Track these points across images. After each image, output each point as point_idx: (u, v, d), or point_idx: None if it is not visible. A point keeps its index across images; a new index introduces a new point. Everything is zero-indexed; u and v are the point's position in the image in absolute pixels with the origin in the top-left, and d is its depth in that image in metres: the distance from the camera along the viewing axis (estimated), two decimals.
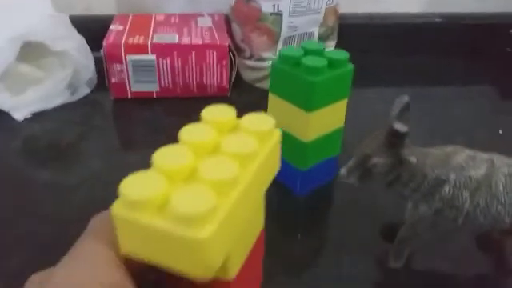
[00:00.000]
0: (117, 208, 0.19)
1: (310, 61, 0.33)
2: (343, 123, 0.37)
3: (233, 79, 0.53)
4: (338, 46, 0.57)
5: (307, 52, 0.34)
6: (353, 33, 0.60)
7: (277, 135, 0.25)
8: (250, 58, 0.53)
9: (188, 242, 0.18)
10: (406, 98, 0.27)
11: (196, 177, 0.20)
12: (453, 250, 0.33)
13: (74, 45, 0.50)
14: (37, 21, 0.46)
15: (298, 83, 0.33)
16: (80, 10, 0.62)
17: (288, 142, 0.36)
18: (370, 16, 0.65)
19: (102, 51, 0.49)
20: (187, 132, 0.23)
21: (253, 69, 0.53)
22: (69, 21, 0.51)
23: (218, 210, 0.18)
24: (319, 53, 0.34)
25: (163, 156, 0.21)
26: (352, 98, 0.36)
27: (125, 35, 0.51)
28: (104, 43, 0.49)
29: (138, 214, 0.18)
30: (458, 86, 0.59)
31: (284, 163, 0.37)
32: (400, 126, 0.26)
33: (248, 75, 0.55)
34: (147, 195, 0.18)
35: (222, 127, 0.24)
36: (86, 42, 0.51)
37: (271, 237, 0.34)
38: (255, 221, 0.25)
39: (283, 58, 0.34)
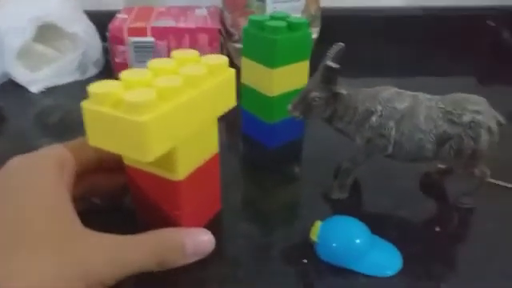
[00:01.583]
0: (85, 103, 0.25)
1: (272, 23, 0.38)
2: (306, 83, 0.42)
3: None
4: (323, 39, 0.62)
5: (273, 18, 0.40)
6: (337, 25, 0.66)
7: (230, 72, 0.31)
8: (239, 41, 0.59)
9: (132, 125, 0.24)
10: (341, 44, 0.32)
11: (150, 86, 0.26)
12: (396, 189, 0.37)
13: (84, 28, 0.57)
14: (52, 5, 0.54)
15: (262, 43, 0.39)
16: (93, 5, 0.69)
17: (257, 98, 0.42)
18: (355, 9, 0.71)
19: (107, 34, 0.56)
20: (154, 61, 0.29)
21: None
22: (80, 7, 0.58)
23: (160, 106, 0.24)
24: (283, 18, 0.40)
25: (129, 73, 0.27)
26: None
27: (128, 21, 0.58)
28: (109, 27, 0.56)
29: (100, 106, 0.25)
30: (441, 75, 0.63)
31: (255, 119, 0.43)
32: (332, 64, 0.31)
33: (238, 60, 0.61)
34: (107, 91, 0.24)
35: (185, 61, 0.30)
36: (94, 28, 0.59)
37: (239, 178, 0.40)
38: (207, 139, 0.31)
39: (252, 23, 0.40)
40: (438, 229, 0.33)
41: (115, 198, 0.33)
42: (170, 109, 0.25)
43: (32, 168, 0.26)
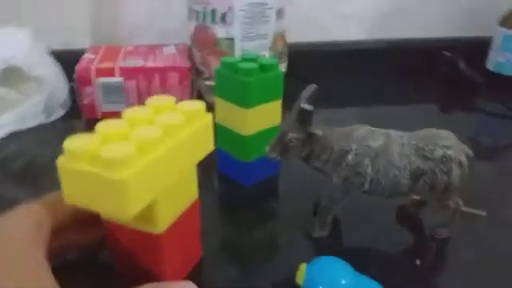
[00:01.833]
0: (60, 161, 0.24)
1: (244, 65, 0.39)
2: (279, 121, 0.43)
3: (194, 97, 0.59)
4: (290, 73, 0.63)
5: (244, 59, 0.41)
6: (304, 60, 0.68)
7: (207, 118, 0.31)
8: (209, 78, 0.59)
9: (110, 183, 0.23)
10: (314, 86, 0.33)
11: (127, 138, 0.25)
12: (374, 223, 0.38)
13: (50, 71, 0.56)
14: (17, 49, 0.53)
15: (236, 84, 0.39)
16: (58, 44, 0.68)
17: (232, 137, 0.42)
18: (318, 44, 0.73)
19: (74, 76, 0.55)
20: (129, 111, 0.29)
21: (212, 89, 0.60)
22: (45, 49, 0.57)
23: (139, 161, 0.24)
24: (253, 60, 0.41)
25: (104, 125, 0.26)
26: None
27: (95, 61, 0.57)
28: (76, 68, 0.55)
29: (76, 162, 0.24)
30: (404, 104, 0.66)
31: (230, 158, 0.43)
32: (307, 106, 0.31)
33: (209, 97, 0.61)
34: (82, 147, 0.24)
35: (161, 109, 0.30)
36: (60, 69, 0.58)
37: (217, 221, 0.39)
38: (186, 187, 0.30)
39: (224, 65, 0.41)
40: (418, 262, 0.34)
41: (93, 252, 0.32)
42: (149, 163, 0.25)
43: (7, 232, 0.24)
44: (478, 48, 0.72)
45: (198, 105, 0.30)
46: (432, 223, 0.37)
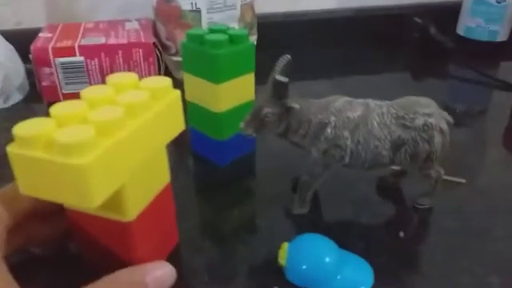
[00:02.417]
0: (11, 147, 0.22)
1: (213, 37, 0.36)
2: (253, 96, 0.41)
3: (162, 74, 0.56)
4: (260, 45, 0.61)
5: (212, 31, 0.38)
6: (272, 31, 0.65)
7: (175, 94, 0.28)
8: (176, 54, 0.56)
9: (69, 169, 0.21)
10: (288, 57, 0.31)
11: (85, 121, 0.23)
12: (355, 197, 0.37)
13: (3, 52, 0.52)
14: None
15: (204, 58, 0.37)
16: (11, 24, 0.64)
17: (204, 115, 0.40)
18: (288, 14, 0.70)
19: (30, 56, 0.51)
20: (87, 90, 0.26)
21: (180, 64, 0.57)
22: None
23: (100, 144, 0.22)
24: (222, 31, 0.38)
25: (59, 107, 0.24)
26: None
27: (53, 40, 0.53)
28: (32, 48, 0.51)
29: (28, 150, 0.21)
30: (377, 73, 0.64)
31: (204, 137, 0.41)
32: (282, 78, 0.29)
33: (178, 73, 0.58)
34: (35, 132, 0.21)
35: (123, 88, 0.27)
36: (14, 50, 0.54)
37: (193, 204, 0.37)
38: (157, 170, 0.28)
39: (190, 38, 0.38)
40: (402, 234, 0.33)
41: (59, 243, 0.30)
42: (112, 145, 0.22)
43: None
44: (448, 13, 0.71)
45: (164, 81, 0.28)
46: (413, 193, 0.36)
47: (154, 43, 0.54)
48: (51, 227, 0.28)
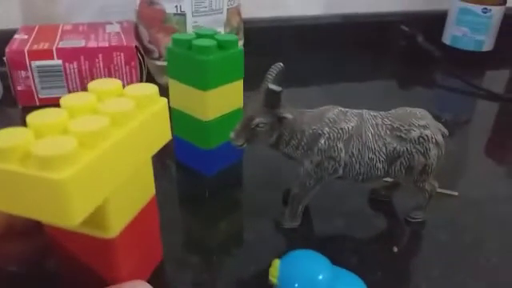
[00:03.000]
0: None
1: (200, 42, 0.35)
2: (242, 104, 0.39)
3: (144, 80, 0.54)
4: (246, 50, 0.60)
5: (199, 36, 0.37)
6: (258, 36, 0.64)
7: (162, 103, 0.26)
8: (159, 58, 0.54)
9: (48, 184, 0.19)
10: (280, 65, 0.30)
11: (65, 131, 0.21)
12: (347, 210, 0.36)
13: None
14: None
15: (192, 64, 0.35)
16: None
17: (190, 123, 0.38)
18: (274, 19, 0.69)
19: (5, 59, 0.49)
20: (68, 98, 0.24)
21: (164, 69, 0.55)
22: None
23: (82, 157, 0.20)
24: (210, 36, 0.37)
25: (37, 115, 0.22)
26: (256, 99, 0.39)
27: (29, 42, 0.51)
28: (6, 50, 0.48)
29: (2, 162, 0.19)
30: (363, 81, 0.64)
31: (189, 146, 0.39)
32: (274, 87, 0.28)
33: (161, 78, 0.56)
34: (10, 144, 0.19)
35: (106, 95, 0.25)
36: None
37: (178, 216, 0.35)
38: (141, 183, 0.26)
39: (176, 42, 0.36)
40: (395, 249, 0.32)
41: (35, 262, 0.28)
42: (95, 158, 0.20)
43: None
44: (434, 22, 0.71)
45: (150, 88, 0.26)
46: (405, 206, 0.35)
47: (136, 47, 0.52)
48: (28, 244, 0.26)
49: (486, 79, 0.66)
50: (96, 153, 0.21)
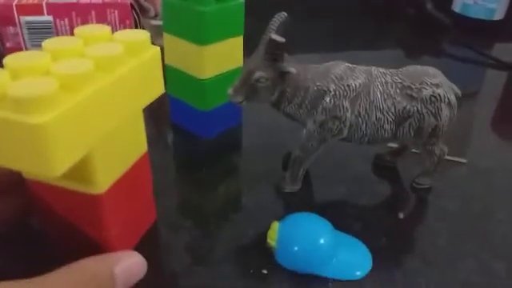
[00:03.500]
0: None
1: None
2: (242, 63, 0.37)
3: None
4: (247, 16, 0.57)
5: None
6: (259, 2, 0.61)
7: (154, 51, 0.24)
8: (155, 17, 0.52)
9: (26, 129, 0.17)
10: (284, 14, 0.28)
11: (48, 74, 0.19)
12: (350, 175, 0.34)
13: None
14: None
15: (188, 15, 0.33)
16: None
17: (186, 82, 0.36)
18: None
19: None
20: (51, 41, 0.22)
21: (160, 29, 0.52)
22: None
23: (64, 101, 0.18)
24: None
25: (15, 57, 0.20)
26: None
27: None
28: None
29: None
30: (369, 49, 0.61)
31: (185, 107, 0.37)
32: (277, 37, 0.26)
33: (157, 39, 0.54)
34: None
35: (93, 40, 0.23)
36: None
37: (174, 181, 0.34)
38: (132, 138, 0.25)
39: None
40: (401, 215, 0.30)
41: (17, 221, 0.26)
42: (78, 102, 0.19)
43: None
44: None
45: (141, 34, 0.24)
46: (411, 173, 0.34)
47: (131, 4, 0.49)
48: (9, 201, 0.25)
49: (496, 49, 0.63)
50: (79, 97, 0.19)
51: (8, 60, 0.20)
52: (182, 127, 0.39)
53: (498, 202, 0.32)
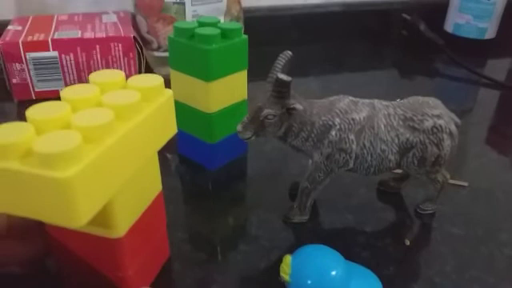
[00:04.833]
0: None
1: (203, 31, 0.34)
2: (246, 96, 0.38)
3: (143, 71, 0.53)
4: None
5: (202, 24, 0.35)
6: (258, 26, 0.63)
7: (167, 95, 0.25)
8: (158, 49, 0.53)
9: (51, 184, 0.18)
10: (289, 53, 0.29)
11: (68, 126, 0.20)
12: (355, 203, 0.35)
13: None
14: None
15: (194, 53, 0.34)
16: None
17: (193, 116, 0.37)
18: (273, 8, 0.68)
19: None
20: (69, 90, 0.23)
21: (163, 60, 0.54)
22: None
23: (87, 154, 0.19)
24: (213, 25, 0.35)
25: (38, 109, 0.21)
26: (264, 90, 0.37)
27: (24, 34, 0.49)
28: (0, 42, 0.47)
29: (2, 160, 0.18)
30: (365, 71, 0.63)
31: (193, 139, 0.38)
32: (284, 76, 0.27)
33: (160, 70, 0.55)
34: (10, 141, 0.18)
35: (109, 87, 0.24)
36: None
37: (183, 212, 0.34)
38: (148, 179, 0.25)
39: (178, 31, 0.35)
40: (407, 242, 0.31)
41: (39, 262, 0.27)
42: (100, 154, 0.19)
43: None
44: (435, 10, 0.70)
45: (155, 79, 0.25)
46: (415, 198, 0.35)
47: (134, 37, 0.50)
48: (28, 244, 0.25)
49: (488, 67, 0.65)
50: (101, 148, 0.20)
51: (30, 113, 0.20)
52: (189, 159, 0.40)
53: (500, 223, 0.33)
